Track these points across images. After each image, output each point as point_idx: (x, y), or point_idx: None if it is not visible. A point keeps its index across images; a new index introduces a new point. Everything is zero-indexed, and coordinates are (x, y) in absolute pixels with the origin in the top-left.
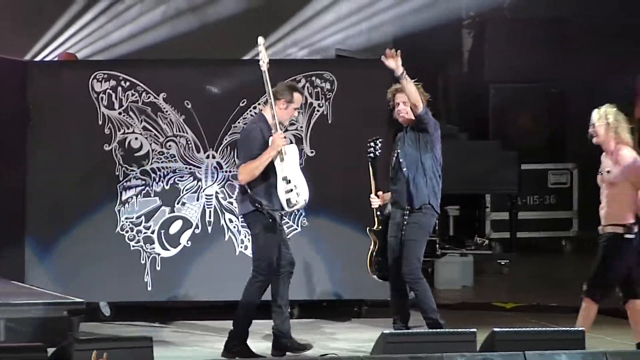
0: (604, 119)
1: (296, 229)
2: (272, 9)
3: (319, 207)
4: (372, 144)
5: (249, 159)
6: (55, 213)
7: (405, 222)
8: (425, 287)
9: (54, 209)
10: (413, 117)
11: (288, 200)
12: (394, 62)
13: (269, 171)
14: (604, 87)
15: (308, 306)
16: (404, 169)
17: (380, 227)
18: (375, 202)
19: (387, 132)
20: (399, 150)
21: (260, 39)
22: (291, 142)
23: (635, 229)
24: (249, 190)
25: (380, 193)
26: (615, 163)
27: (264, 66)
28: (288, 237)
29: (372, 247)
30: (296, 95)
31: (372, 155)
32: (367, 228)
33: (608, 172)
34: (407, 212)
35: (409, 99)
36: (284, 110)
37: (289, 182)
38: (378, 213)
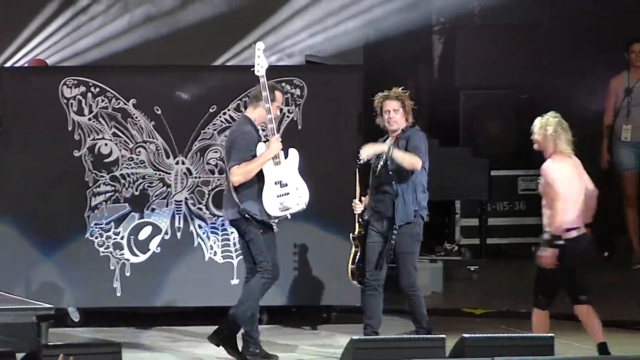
0: (544, 129)
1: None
2: (241, 14)
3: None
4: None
5: (243, 161)
6: (24, 218)
7: (395, 234)
8: (421, 297)
9: (23, 214)
10: (401, 128)
11: (281, 204)
12: (371, 150)
13: (257, 175)
14: (574, 93)
15: (277, 312)
16: (393, 183)
17: (362, 233)
18: (360, 207)
19: (357, 137)
20: (388, 162)
21: (260, 44)
22: (292, 146)
23: (574, 234)
24: (234, 196)
25: (363, 198)
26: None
27: (261, 71)
28: None
29: (353, 253)
30: (278, 93)
31: (361, 161)
32: (350, 234)
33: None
34: (398, 226)
35: (404, 165)
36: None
37: (284, 185)
38: (360, 219)
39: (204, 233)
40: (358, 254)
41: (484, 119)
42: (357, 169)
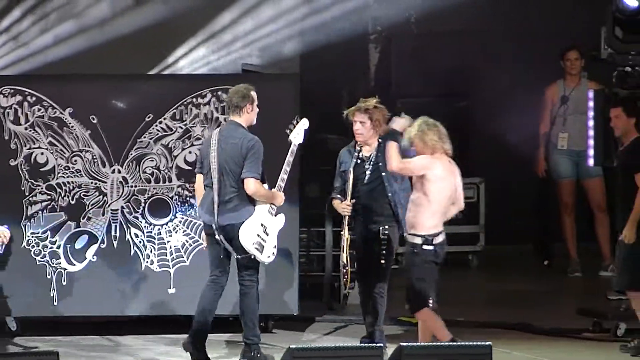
0: (409, 132)
1: (202, 244)
2: (178, 23)
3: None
4: (356, 152)
5: (258, 173)
6: None
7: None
8: None
9: None
10: (369, 139)
11: (257, 243)
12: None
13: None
14: (509, 100)
15: (216, 321)
16: (389, 194)
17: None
18: (349, 210)
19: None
20: (370, 171)
21: (305, 121)
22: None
23: (439, 240)
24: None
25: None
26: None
27: (295, 141)
28: (196, 250)
29: (346, 259)
30: (253, 93)
31: (357, 161)
32: (345, 241)
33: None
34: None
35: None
36: (253, 113)
37: (267, 233)
38: (349, 224)
39: (140, 242)
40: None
41: None
42: (352, 170)
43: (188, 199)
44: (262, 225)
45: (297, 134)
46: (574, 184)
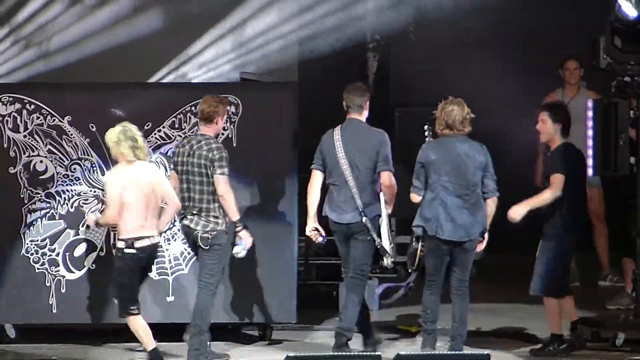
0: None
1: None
2: (176, 32)
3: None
4: None
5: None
6: None
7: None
8: None
9: None
10: None
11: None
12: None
13: None
14: (509, 110)
15: (213, 329)
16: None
17: None
18: None
19: (292, 154)
20: None
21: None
22: None
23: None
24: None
25: None
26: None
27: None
28: (194, 258)
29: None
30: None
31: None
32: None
33: None
34: None
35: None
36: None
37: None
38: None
39: None
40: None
41: (418, 136)
42: None
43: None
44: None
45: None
46: None
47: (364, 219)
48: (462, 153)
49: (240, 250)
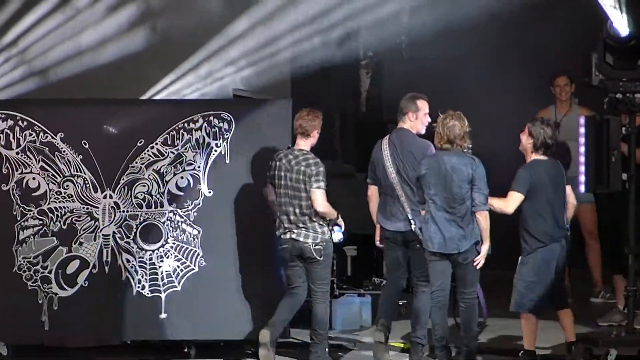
0: None
1: (193, 269)
2: (168, 49)
3: (217, 247)
4: None
5: None
6: None
7: None
8: None
9: None
10: None
11: None
12: None
13: None
14: (500, 126)
15: (203, 346)
16: None
17: None
18: None
19: None
20: None
21: None
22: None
23: None
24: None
25: None
26: None
27: None
28: (187, 275)
29: None
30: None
31: None
32: None
33: None
34: None
35: None
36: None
37: None
38: None
39: (131, 267)
40: None
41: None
42: None
43: (180, 224)
44: None
45: None
46: None
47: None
48: (449, 166)
49: (341, 236)
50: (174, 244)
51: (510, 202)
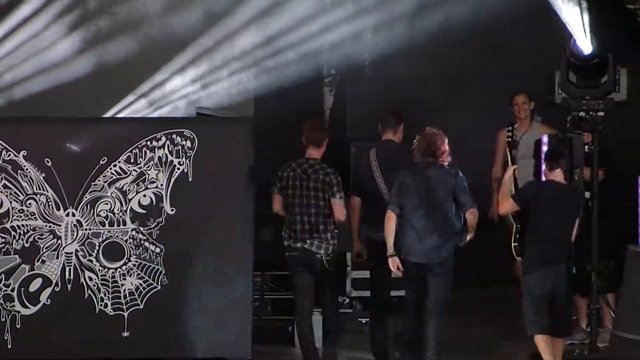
0: None
1: (156, 287)
2: (132, 66)
3: (180, 265)
4: None
5: None
6: None
7: None
8: None
9: None
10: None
11: None
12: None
13: None
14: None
15: None
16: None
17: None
18: None
19: (248, 189)
20: None
21: None
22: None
23: None
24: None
25: None
26: None
27: None
28: (148, 295)
29: (514, 231)
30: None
31: None
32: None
33: None
34: None
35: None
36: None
37: None
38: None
39: (94, 285)
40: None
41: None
42: None
43: (142, 242)
44: None
45: None
46: None
47: None
48: (433, 177)
49: None
50: (136, 262)
51: (506, 204)
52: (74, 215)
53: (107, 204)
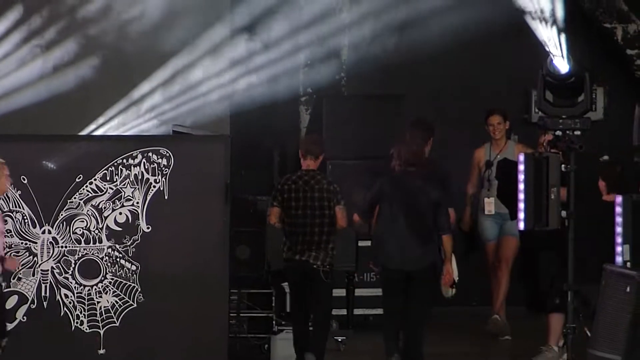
0: None
1: (132, 305)
2: (108, 84)
3: (155, 282)
4: None
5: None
6: None
7: None
8: None
9: None
10: None
11: None
12: None
13: None
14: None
15: None
16: None
17: None
18: None
19: (224, 207)
20: None
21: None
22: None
23: None
24: None
25: None
26: None
27: None
28: (124, 312)
29: None
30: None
31: None
32: None
33: None
34: None
35: None
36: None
37: None
38: None
39: (70, 302)
40: None
41: (350, 189)
42: None
43: (118, 259)
44: None
45: None
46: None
47: None
48: (416, 186)
49: None
50: (112, 279)
51: None
52: (49, 232)
53: (83, 221)
